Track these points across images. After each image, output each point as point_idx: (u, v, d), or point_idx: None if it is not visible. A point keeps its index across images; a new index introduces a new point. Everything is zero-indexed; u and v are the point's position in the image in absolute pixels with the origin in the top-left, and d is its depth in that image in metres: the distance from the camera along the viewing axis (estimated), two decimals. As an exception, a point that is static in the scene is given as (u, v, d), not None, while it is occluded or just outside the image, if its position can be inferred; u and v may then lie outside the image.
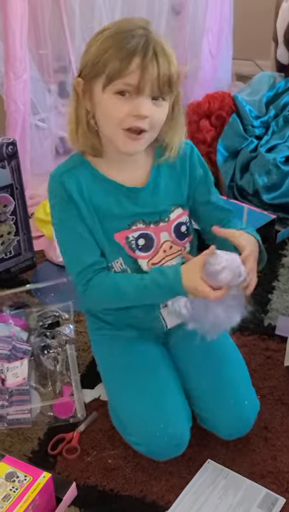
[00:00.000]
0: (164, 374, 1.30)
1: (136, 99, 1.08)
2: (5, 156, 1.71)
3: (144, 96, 1.08)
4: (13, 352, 1.48)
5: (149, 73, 1.06)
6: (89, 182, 1.21)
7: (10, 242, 1.83)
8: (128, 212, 1.23)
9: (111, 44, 1.07)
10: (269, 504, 1.19)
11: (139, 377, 1.27)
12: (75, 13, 2.07)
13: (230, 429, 1.27)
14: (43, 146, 2.27)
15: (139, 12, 2.26)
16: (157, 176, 1.25)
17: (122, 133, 1.12)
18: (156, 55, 1.06)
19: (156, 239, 1.26)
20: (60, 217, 1.23)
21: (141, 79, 1.06)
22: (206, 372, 1.29)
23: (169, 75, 1.08)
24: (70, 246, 1.25)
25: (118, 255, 1.25)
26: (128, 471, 1.27)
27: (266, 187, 2.09)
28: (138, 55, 1.05)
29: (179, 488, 1.23)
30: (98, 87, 1.10)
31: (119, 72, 1.06)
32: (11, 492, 1.11)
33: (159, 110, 1.12)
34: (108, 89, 1.08)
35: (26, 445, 1.33)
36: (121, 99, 1.09)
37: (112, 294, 1.23)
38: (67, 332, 1.56)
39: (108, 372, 1.35)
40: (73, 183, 1.19)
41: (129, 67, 1.05)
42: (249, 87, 2.43)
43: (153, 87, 1.07)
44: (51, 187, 1.22)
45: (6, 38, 1.91)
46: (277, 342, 1.58)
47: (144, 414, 1.22)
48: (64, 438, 1.33)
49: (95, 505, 1.21)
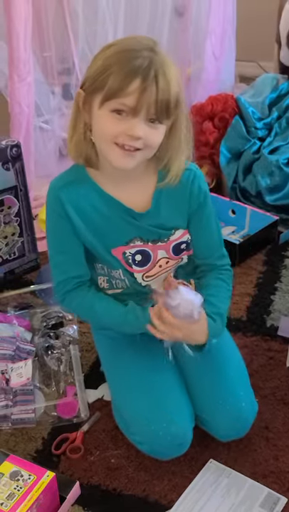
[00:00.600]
0: (167, 374, 1.31)
1: (131, 120, 1.07)
2: (9, 158, 1.72)
3: (140, 118, 1.07)
4: (17, 352, 1.49)
5: (147, 97, 1.05)
6: (88, 197, 1.22)
7: (14, 243, 1.84)
8: (126, 230, 1.24)
9: (114, 61, 1.06)
10: (271, 504, 1.20)
11: (142, 377, 1.29)
12: (78, 15, 2.08)
13: (228, 430, 1.28)
14: (47, 147, 2.28)
15: (142, 14, 2.27)
16: (159, 200, 1.24)
17: (115, 148, 1.11)
18: (156, 78, 1.05)
19: (154, 255, 1.27)
20: (52, 229, 1.26)
21: (138, 102, 1.05)
22: (205, 373, 1.30)
23: (167, 100, 1.07)
24: (57, 256, 1.28)
25: (117, 267, 1.27)
26: (131, 471, 1.28)
27: (269, 188, 2.10)
28: (138, 77, 1.04)
29: (181, 488, 1.24)
30: (96, 102, 1.10)
31: (117, 91, 1.06)
32: (15, 491, 1.13)
33: (154, 132, 1.11)
34: (105, 106, 1.08)
35: (30, 445, 1.34)
36: (116, 118, 1.08)
37: (87, 313, 1.30)
38: (70, 332, 1.58)
39: (112, 372, 1.37)
40: (71, 200, 1.21)
41: (128, 88, 1.05)
42: (252, 89, 2.44)
43: (149, 110, 1.07)
44: (48, 198, 1.24)
45: (10, 41, 1.93)
46: (279, 343, 1.59)
47: (147, 413, 1.23)
48: (68, 438, 1.34)
49: (98, 504, 1.22)
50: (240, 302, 1.75)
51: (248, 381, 1.33)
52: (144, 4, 2.28)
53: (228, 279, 1.32)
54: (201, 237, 1.30)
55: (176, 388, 1.29)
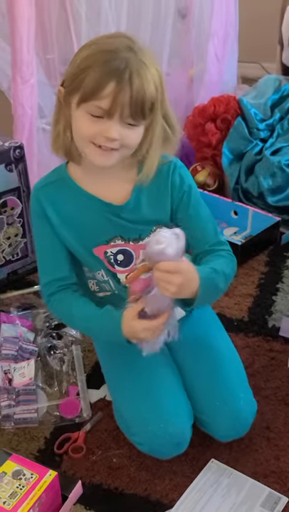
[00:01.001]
0: (165, 374, 1.31)
1: (107, 122, 1.09)
2: (12, 160, 1.73)
3: (115, 120, 1.09)
4: (20, 352, 1.50)
5: (121, 100, 1.06)
6: (67, 197, 1.23)
7: (17, 244, 1.85)
8: (106, 228, 1.25)
9: (91, 63, 1.07)
10: (272, 503, 1.21)
11: (140, 378, 1.29)
12: (81, 17, 2.09)
13: (228, 430, 1.28)
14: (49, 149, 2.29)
15: (145, 16, 2.28)
16: (139, 194, 1.24)
17: (92, 147, 1.12)
18: (131, 81, 1.05)
19: (135, 255, 1.27)
20: (35, 231, 1.30)
21: (112, 105, 1.06)
22: (203, 374, 1.30)
23: (142, 102, 1.08)
24: (41, 257, 1.30)
25: (99, 267, 1.28)
26: (133, 470, 1.29)
27: (271, 189, 2.10)
28: (113, 80, 1.05)
29: (182, 487, 1.25)
30: (74, 102, 1.11)
31: (92, 94, 1.06)
32: (18, 489, 1.13)
33: (130, 133, 1.12)
34: (81, 107, 1.09)
35: (33, 444, 1.35)
36: (92, 119, 1.09)
37: (65, 316, 1.32)
38: (73, 333, 1.58)
39: (111, 373, 1.37)
40: (49, 200, 1.23)
41: (102, 91, 1.06)
42: (254, 90, 2.44)
43: (123, 113, 1.08)
44: (31, 200, 1.27)
45: (13, 43, 1.93)
46: (281, 343, 1.60)
47: (145, 414, 1.23)
48: (70, 437, 1.35)
49: (100, 504, 1.23)
50: (242, 303, 1.75)
51: (246, 381, 1.33)
52: (147, 6, 2.28)
53: (228, 256, 1.29)
54: (192, 227, 1.26)
55: (173, 388, 1.29)
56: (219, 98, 2.27)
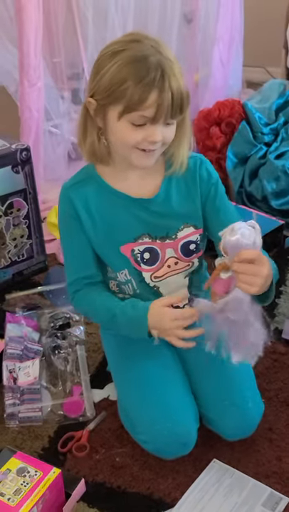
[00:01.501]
0: (173, 374, 1.33)
1: (150, 127, 1.12)
2: (19, 162, 1.75)
3: (159, 124, 1.13)
4: (25, 352, 1.52)
5: (164, 106, 1.10)
6: (96, 195, 1.26)
7: (23, 245, 1.87)
8: (134, 226, 1.27)
9: (127, 75, 1.09)
10: (273, 503, 1.22)
11: (148, 377, 1.31)
12: (88, 22, 2.12)
13: (235, 429, 1.30)
14: (56, 151, 2.32)
15: (151, 21, 2.31)
16: (169, 187, 1.28)
17: (136, 151, 1.17)
18: (171, 87, 1.09)
19: (162, 254, 1.29)
20: (64, 229, 1.31)
21: (157, 112, 1.10)
22: (213, 374, 1.32)
23: (181, 101, 1.12)
24: (69, 256, 1.33)
25: (124, 267, 1.29)
26: (135, 469, 1.30)
27: (275, 193, 2.12)
28: (155, 90, 1.08)
29: (185, 486, 1.26)
30: (113, 114, 1.14)
31: (137, 105, 1.10)
32: (22, 486, 1.15)
33: (169, 130, 1.16)
34: (124, 118, 1.13)
35: (37, 442, 1.37)
36: (136, 128, 1.13)
37: (90, 308, 1.32)
38: (77, 333, 1.60)
39: (118, 372, 1.39)
40: (80, 198, 1.26)
41: (146, 102, 1.09)
42: (259, 95, 2.46)
43: (167, 116, 1.12)
44: (60, 199, 1.29)
45: (20, 47, 1.96)
46: (283, 345, 1.61)
47: (152, 413, 1.25)
48: (73, 436, 1.37)
49: (103, 502, 1.24)
50: (245, 305, 1.76)
51: (254, 382, 1.35)
52: (153, 11, 2.31)
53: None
54: (220, 219, 1.29)
55: (181, 389, 1.31)
56: (224, 102, 2.29)
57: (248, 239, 1.01)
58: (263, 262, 1.04)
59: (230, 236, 1.01)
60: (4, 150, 1.74)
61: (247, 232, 1.02)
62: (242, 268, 1.02)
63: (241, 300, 1.08)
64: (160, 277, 1.31)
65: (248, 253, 1.01)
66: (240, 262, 1.02)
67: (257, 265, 1.03)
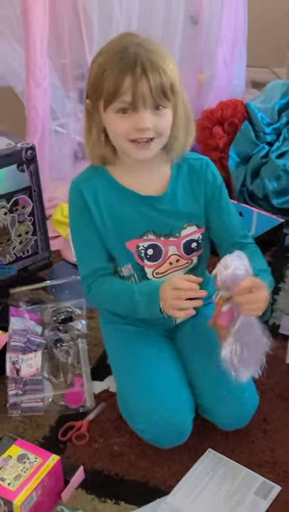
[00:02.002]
0: (171, 366, 1.37)
1: (135, 115, 1.16)
2: (24, 160, 1.80)
3: (142, 110, 1.16)
4: (28, 344, 1.56)
5: (140, 90, 1.13)
6: (105, 191, 1.30)
7: (28, 241, 1.92)
8: (141, 222, 1.31)
9: (106, 67, 1.15)
10: (265, 491, 1.26)
11: (147, 369, 1.35)
12: (93, 23, 2.16)
13: (230, 419, 1.33)
14: (62, 151, 2.36)
15: (156, 22, 2.34)
16: (175, 187, 1.32)
17: (130, 144, 1.20)
18: (144, 70, 1.13)
19: (165, 251, 1.33)
20: (75, 223, 1.35)
21: (133, 97, 1.14)
22: (210, 365, 1.34)
23: (162, 86, 1.15)
24: (81, 250, 1.36)
25: (128, 261, 1.34)
26: (133, 458, 1.34)
27: (276, 192, 2.15)
28: (128, 75, 1.12)
29: (180, 475, 1.29)
30: (101, 108, 1.19)
31: (113, 94, 1.14)
32: (22, 472, 1.19)
33: (160, 119, 1.19)
34: (109, 109, 1.18)
35: (38, 431, 1.41)
36: (122, 117, 1.17)
37: (107, 297, 1.34)
38: (79, 327, 1.64)
39: (118, 363, 1.43)
40: (90, 192, 1.30)
41: (121, 88, 1.13)
42: (263, 95, 2.49)
43: (146, 101, 1.15)
44: (70, 194, 1.34)
45: (27, 47, 2.01)
46: (280, 340, 1.63)
47: (150, 403, 1.29)
48: (74, 426, 1.41)
49: (101, 488, 1.28)
50: (244, 301, 1.80)
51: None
52: (157, 12, 2.35)
53: (258, 250, 1.37)
54: (223, 220, 1.36)
55: (178, 380, 1.35)
56: (227, 102, 2.32)
57: (242, 269, 1.11)
58: (260, 286, 1.13)
59: (226, 270, 1.10)
60: (10, 149, 1.78)
61: (239, 263, 1.11)
62: (244, 299, 1.13)
63: (251, 323, 1.17)
64: (162, 273, 1.35)
65: (245, 283, 1.11)
66: (240, 293, 1.12)
67: (256, 292, 1.13)
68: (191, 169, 1.33)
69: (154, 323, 1.42)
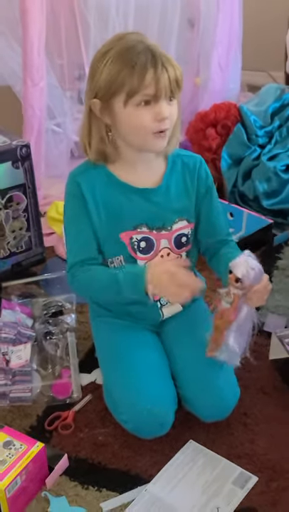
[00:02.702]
0: (155, 359, 1.41)
1: (156, 106, 1.22)
2: (19, 158, 1.84)
3: (161, 101, 1.22)
4: (18, 336, 1.60)
5: (162, 82, 1.20)
6: (102, 183, 1.35)
7: (22, 237, 1.96)
8: (135, 214, 1.35)
9: (122, 65, 1.20)
10: (242, 481, 1.30)
11: (131, 361, 1.39)
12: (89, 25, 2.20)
13: (211, 411, 1.37)
14: (59, 149, 2.40)
15: (152, 24, 2.38)
16: (169, 181, 1.37)
17: (152, 136, 1.26)
18: (164, 65, 1.20)
19: (157, 244, 1.38)
20: (69, 213, 1.39)
21: (157, 89, 1.20)
22: (193, 357, 1.40)
23: (176, 78, 1.23)
24: (72, 240, 1.40)
25: (120, 253, 1.38)
26: (116, 447, 1.38)
27: (266, 193, 2.19)
28: (150, 69, 1.19)
29: (161, 465, 1.33)
30: (119, 104, 1.23)
31: (137, 87, 1.20)
32: (7, 458, 1.23)
33: (173, 108, 1.26)
34: (130, 103, 1.22)
35: (26, 421, 1.45)
36: (143, 108, 1.23)
37: (90, 282, 1.37)
38: (68, 321, 1.69)
39: (104, 355, 1.48)
40: (87, 183, 1.34)
41: (144, 82, 1.19)
42: (256, 98, 2.53)
43: (167, 92, 1.22)
44: (67, 185, 1.38)
45: (24, 47, 2.05)
46: (264, 337, 1.67)
47: (133, 394, 1.33)
48: (60, 416, 1.45)
49: (85, 476, 1.32)
50: (231, 299, 1.84)
51: (232, 367, 1.41)
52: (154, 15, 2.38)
53: (236, 247, 1.45)
54: (212, 217, 1.43)
55: (162, 372, 1.39)
56: (220, 105, 2.37)
57: (260, 267, 1.24)
58: (265, 279, 1.26)
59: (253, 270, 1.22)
60: (5, 146, 1.82)
61: (256, 262, 1.23)
62: (263, 294, 1.27)
63: (252, 312, 1.28)
64: None
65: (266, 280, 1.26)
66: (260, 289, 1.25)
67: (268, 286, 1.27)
68: (184, 166, 1.39)
69: (142, 318, 1.46)
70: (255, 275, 1.22)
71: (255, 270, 1.21)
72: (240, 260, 1.22)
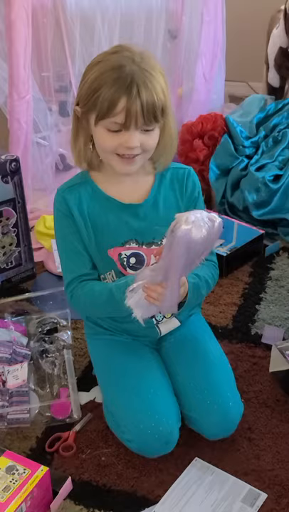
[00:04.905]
0: (156, 376, 1.38)
1: (125, 133, 1.19)
2: (8, 172, 1.81)
3: (132, 130, 1.18)
4: (14, 356, 1.56)
5: (134, 113, 1.16)
6: (89, 199, 1.33)
7: (11, 253, 1.92)
8: (123, 231, 1.33)
9: (102, 82, 1.16)
10: (252, 499, 1.28)
11: (133, 379, 1.36)
12: (75, 37, 2.19)
13: (216, 428, 1.35)
14: (44, 162, 2.37)
15: (137, 37, 2.38)
16: (157, 194, 1.35)
17: (116, 157, 1.23)
18: (139, 94, 1.15)
19: (147, 259, 1.35)
20: (60, 230, 1.36)
21: (126, 118, 1.16)
22: (195, 375, 1.38)
23: (153, 110, 1.17)
24: (66, 257, 1.37)
25: (110, 268, 1.35)
26: (120, 468, 1.35)
27: (255, 204, 2.19)
28: (123, 96, 1.15)
29: (168, 484, 1.31)
30: (92, 120, 1.21)
31: (107, 112, 1.17)
32: (11, 484, 1.19)
33: (148, 137, 1.22)
34: (100, 124, 1.20)
35: (25, 443, 1.41)
36: (111, 134, 1.20)
37: (88, 299, 1.33)
38: (64, 338, 1.65)
39: (104, 374, 1.44)
40: (74, 199, 1.32)
41: (115, 109, 1.16)
42: (241, 109, 2.54)
43: (138, 122, 1.18)
44: (55, 201, 1.35)
45: (10, 61, 2.03)
46: (262, 349, 1.67)
47: (137, 413, 1.30)
48: (60, 437, 1.41)
49: (89, 499, 1.28)
50: (226, 311, 1.83)
51: (234, 383, 1.40)
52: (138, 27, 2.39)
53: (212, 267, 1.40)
54: None
55: (164, 390, 1.36)
56: (206, 116, 2.37)
57: (199, 232, 1.03)
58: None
59: (184, 224, 1.03)
60: (-6, 161, 1.79)
61: (201, 224, 1.03)
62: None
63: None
64: None
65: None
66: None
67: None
68: (173, 177, 1.37)
69: (139, 335, 1.43)
70: (180, 231, 1.03)
71: (185, 226, 1.03)
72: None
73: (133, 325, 1.37)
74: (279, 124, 2.37)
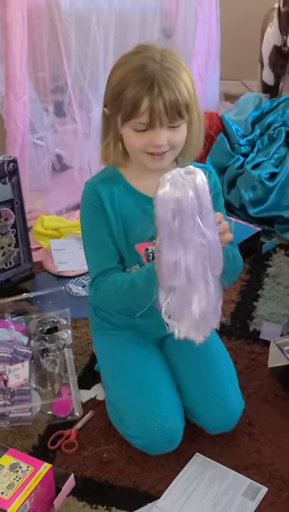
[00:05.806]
0: (162, 373, 1.40)
1: (152, 132, 1.20)
2: (6, 173, 1.82)
3: (158, 129, 1.20)
4: (15, 355, 1.58)
5: (157, 112, 1.17)
6: (120, 193, 1.33)
7: (10, 253, 1.93)
8: (151, 226, 1.33)
9: (125, 84, 1.18)
10: (252, 493, 1.29)
11: (138, 375, 1.37)
12: (71, 38, 2.20)
13: (218, 422, 1.37)
14: (41, 163, 2.38)
15: (132, 37, 2.39)
16: None
17: (146, 155, 1.25)
18: (161, 93, 1.16)
19: None
20: (89, 224, 1.36)
21: (151, 118, 1.18)
22: (198, 370, 1.39)
23: (176, 105, 1.18)
24: (94, 251, 1.37)
25: (136, 263, 1.36)
26: (122, 464, 1.36)
27: (252, 201, 2.21)
28: (146, 97, 1.16)
29: (169, 479, 1.32)
30: (119, 121, 1.23)
31: (132, 113, 1.19)
32: (15, 481, 1.20)
33: (175, 134, 1.23)
34: (126, 125, 1.22)
35: (27, 441, 1.42)
36: (138, 133, 1.22)
37: (111, 290, 1.32)
38: (65, 337, 1.66)
39: (109, 369, 1.45)
40: (106, 192, 1.32)
41: (139, 110, 1.18)
42: (236, 107, 2.56)
43: (162, 121, 1.19)
44: (85, 194, 1.35)
45: (6, 62, 2.03)
46: (261, 346, 1.69)
47: (143, 410, 1.31)
48: (62, 434, 1.43)
49: (92, 495, 1.29)
50: (225, 308, 1.85)
51: (236, 378, 1.42)
52: (133, 27, 2.39)
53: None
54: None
55: (170, 388, 1.38)
56: (202, 115, 2.38)
57: (178, 189, 1.03)
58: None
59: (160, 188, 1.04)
60: (-8, 162, 1.80)
61: (176, 181, 1.03)
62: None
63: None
64: None
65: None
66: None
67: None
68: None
69: (147, 332, 1.45)
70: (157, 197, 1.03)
71: (160, 189, 1.03)
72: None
73: (146, 321, 1.39)
74: (274, 121, 2.39)
